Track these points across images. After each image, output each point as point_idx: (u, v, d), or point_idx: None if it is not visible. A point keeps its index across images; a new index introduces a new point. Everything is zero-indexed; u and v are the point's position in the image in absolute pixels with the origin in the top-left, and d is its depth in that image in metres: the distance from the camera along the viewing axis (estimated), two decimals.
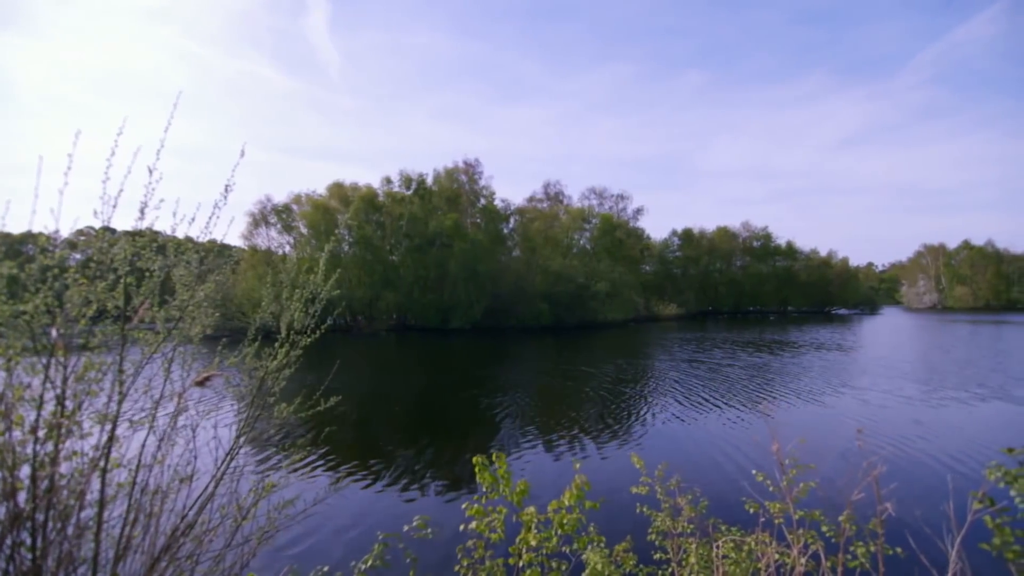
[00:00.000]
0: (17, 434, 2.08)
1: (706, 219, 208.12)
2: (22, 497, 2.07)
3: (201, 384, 2.77)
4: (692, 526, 3.39)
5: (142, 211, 2.46)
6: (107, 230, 2.40)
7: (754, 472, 3.45)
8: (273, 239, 44.75)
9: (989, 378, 16.40)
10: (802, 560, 2.70)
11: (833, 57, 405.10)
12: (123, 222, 2.56)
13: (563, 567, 2.76)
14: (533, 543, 2.60)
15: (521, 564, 2.63)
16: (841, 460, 8.13)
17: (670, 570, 3.25)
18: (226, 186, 2.86)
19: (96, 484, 2.27)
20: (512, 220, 52.79)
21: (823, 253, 79.77)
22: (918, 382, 15.84)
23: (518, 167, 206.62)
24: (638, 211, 63.99)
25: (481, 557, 2.76)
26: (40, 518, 2.08)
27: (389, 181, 45.90)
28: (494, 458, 2.80)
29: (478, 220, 48.34)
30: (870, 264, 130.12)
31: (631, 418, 11.75)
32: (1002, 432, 10.30)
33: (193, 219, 2.70)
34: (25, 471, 2.08)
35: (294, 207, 44.59)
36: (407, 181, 45.87)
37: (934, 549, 2.51)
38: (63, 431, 2.14)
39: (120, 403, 2.35)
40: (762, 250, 75.63)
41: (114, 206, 2.35)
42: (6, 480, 2.04)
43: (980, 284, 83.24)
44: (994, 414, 11.91)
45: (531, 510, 2.71)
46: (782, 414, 11.92)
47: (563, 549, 2.73)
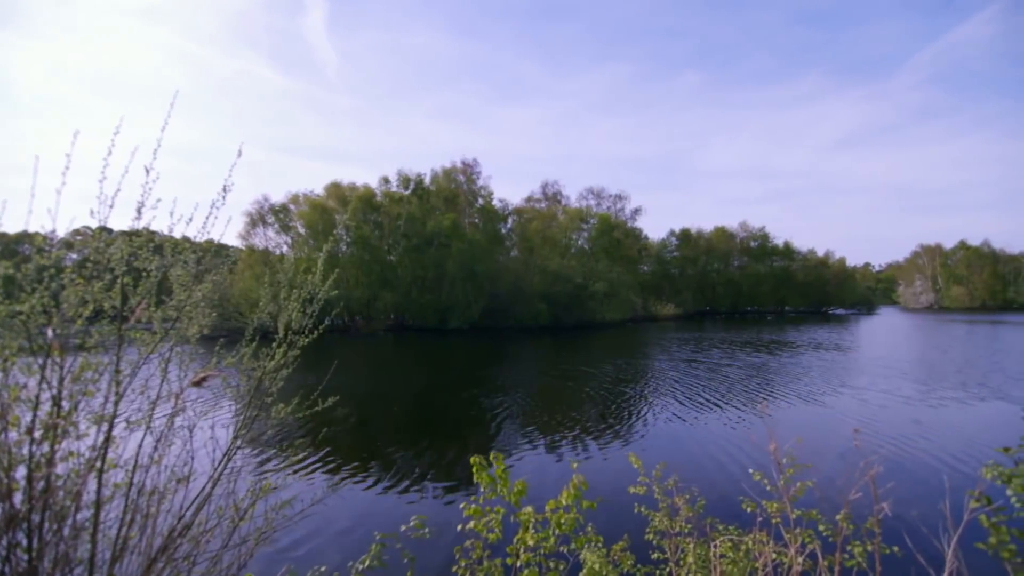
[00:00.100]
0: (13, 435, 2.08)
1: (704, 219, 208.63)
2: (18, 498, 2.07)
3: (198, 384, 2.76)
4: (690, 526, 3.40)
5: (139, 211, 2.45)
6: (104, 230, 2.39)
7: (751, 471, 3.46)
8: (271, 239, 44.71)
9: (986, 378, 16.47)
10: (799, 559, 2.70)
11: (831, 57, 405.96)
12: (120, 222, 2.56)
13: (561, 567, 2.76)
14: (531, 543, 2.60)
15: (519, 564, 2.63)
16: (839, 460, 8.15)
17: (667, 570, 3.26)
18: (224, 186, 2.85)
19: (92, 485, 2.26)
20: (510, 220, 52.83)
21: (820, 253, 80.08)
22: (915, 382, 15.89)
23: (516, 167, 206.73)
24: (636, 211, 64.11)
25: (479, 557, 2.76)
26: (36, 519, 2.08)
27: (387, 181, 45.89)
28: (492, 458, 2.80)
29: (476, 220, 48.34)
30: (867, 264, 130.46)
31: (629, 418, 11.77)
32: (999, 432, 10.33)
33: (190, 219, 2.70)
34: (21, 472, 2.08)
35: (291, 207, 44.51)
36: (405, 181, 45.82)
37: (931, 548, 2.52)
38: (59, 432, 2.13)
39: (117, 404, 2.34)
40: (759, 250, 75.81)
41: (111, 206, 2.35)
42: (2, 481, 2.03)
43: (976, 284, 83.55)
44: (991, 414, 11.96)
45: (529, 510, 2.71)
46: (780, 414, 11.95)
47: (561, 549, 2.73)
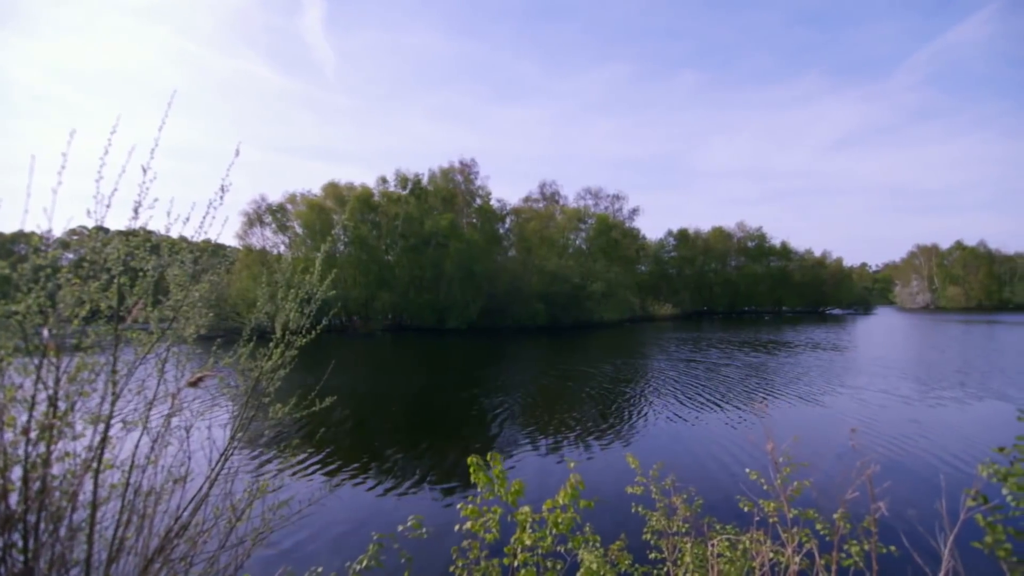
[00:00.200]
0: (9, 435, 2.07)
1: (701, 219, 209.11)
2: (14, 499, 2.06)
3: (195, 384, 2.75)
4: (687, 525, 3.40)
5: (136, 211, 2.45)
6: (100, 230, 2.38)
7: (748, 471, 3.47)
8: (268, 239, 44.67)
9: (982, 377, 16.53)
10: (796, 558, 2.71)
11: (828, 58, 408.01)
12: (117, 222, 2.55)
13: (558, 567, 2.77)
14: (528, 543, 2.61)
15: (516, 564, 2.63)
16: (835, 459, 8.17)
17: (665, 569, 3.26)
18: (221, 186, 2.85)
19: (89, 485, 2.25)
20: (508, 220, 52.87)
21: (817, 253, 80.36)
22: (912, 381, 15.94)
23: (514, 167, 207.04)
24: (634, 211, 64.26)
25: (476, 557, 2.76)
26: (32, 520, 2.07)
27: (385, 181, 45.86)
28: (489, 458, 2.80)
29: (474, 220, 48.33)
30: (864, 264, 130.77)
31: (626, 418, 11.78)
32: (995, 431, 10.37)
33: (187, 219, 2.69)
34: (17, 472, 2.07)
35: (289, 207, 44.45)
36: (403, 181, 45.78)
37: (927, 547, 2.53)
38: (55, 432, 2.12)
39: (113, 404, 2.33)
40: (757, 250, 76.00)
41: (108, 205, 2.34)
42: None
43: (972, 284, 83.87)
44: (987, 413, 12.00)
45: (526, 510, 2.71)
46: (778, 413, 11.97)
47: (558, 549, 2.73)
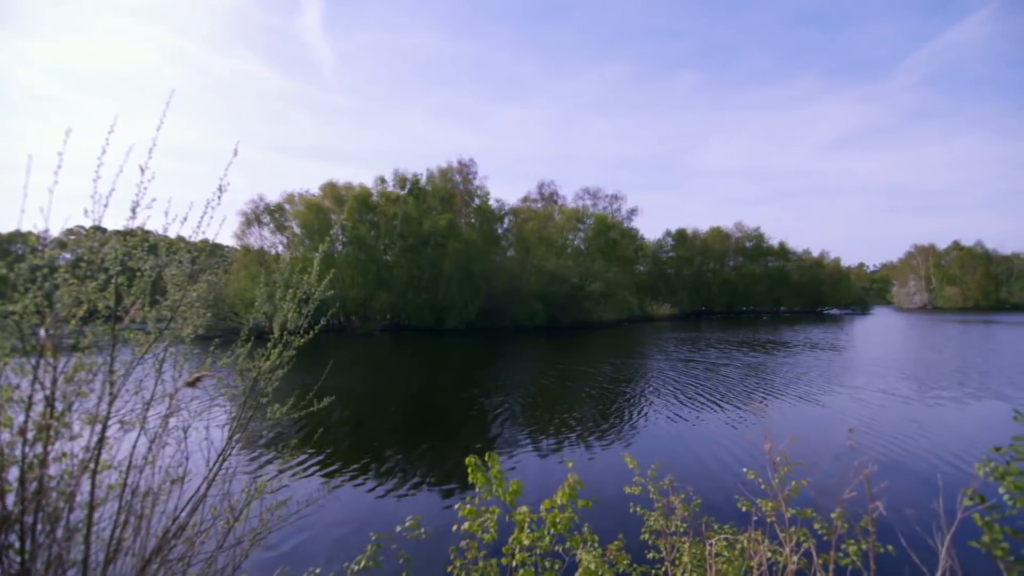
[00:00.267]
0: (5, 436, 2.06)
1: (700, 219, 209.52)
2: (11, 499, 2.05)
3: (193, 385, 2.75)
4: (685, 525, 3.41)
5: (134, 210, 2.44)
6: (98, 229, 2.38)
7: (746, 471, 3.47)
8: (266, 239, 44.55)
9: (979, 377, 16.58)
10: (794, 558, 2.71)
11: (827, 58, 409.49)
12: (114, 222, 2.54)
13: (556, 566, 2.77)
14: (526, 543, 2.61)
15: (514, 564, 2.63)
16: (833, 459, 8.18)
17: (663, 569, 3.26)
18: (219, 186, 2.84)
19: (86, 486, 2.25)
20: (506, 220, 52.85)
21: (815, 253, 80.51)
22: (910, 381, 15.98)
23: (513, 167, 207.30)
24: (632, 211, 64.32)
25: (474, 557, 2.76)
26: (29, 520, 2.06)
27: (383, 181, 45.83)
28: (487, 459, 2.80)
29: (472, 220, 48.29)
30: (861, 264, 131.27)
31: (625, 418, 11.79)
32: (992, 431, 10.41)
33: (185, 219, 2.69)
34: (14, 473, 2.06)
35: (287, 207, 44.35)
36: (401, 181, 45.75)
37: (924, 547, 2.53)
38: (52, 433, 2.12)
39: (111, 404, 2.33)
40: (755, 250, 76.09)
41: (105, 205, 2.33)
42: None
43: (969, 284, 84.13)
44: (985, 413, 12.04)
45: (524, 510, 2.71)
46: (776, 413, 11.99)
47: (556, 549, 2.73)
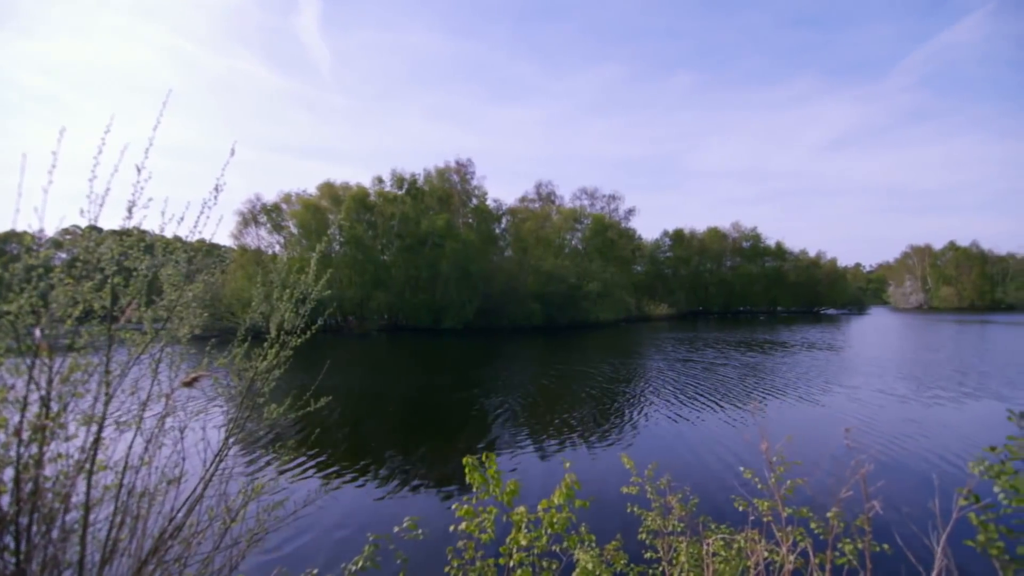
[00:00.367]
0: (1, 436, 2.05)
1: (697, 219, 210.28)
2: (5, 500, 2.04)
3: (189, 385, 2.74)
4: (682, 525, 3.41)
5: (130, 210, 2.43)
6: (94, 229, 2.37)
7: (743, 470, 3.48)
8: (263, 238, 44.40)
9: (975, 377, 16.66)
10: (791, 557, 2.72)
11: (824, 59, 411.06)
12: (110, 221, 2.53)
13: (553, 566, 2.77)
14: (523, 543, 2.61)
15: (511, 564, 2.63)
16: (830, 458, 8.21)
17: (660, 569, 3.27)
18: (216, 185, 2.84)
19: (82, 487, 2.24)
20: (504, 220, 52.84)
21: (812, 254, 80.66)
22: (906, 381, 16.04)
23: (510, 167, 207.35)
24: (630, 211, 64.36)
25: (472, 558, 2.76)
26: (24, 521, 2.05)
27: (380, 181, 45.77)
28: (484, 459, 2.80)
29: (470, 220, 48.28)
30: (858, 264, 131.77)
31: (622, 418, 11.80)
32: (988, 431, 10.45)
33: (182, 218, 2.68)
34: (9, 474, 2.05)
35: (284, 206, 44.23)
36: (399, 181, 45.71)
37: (920, 546, 2.54)
38: (48, 433, 2.11)
39: (106, 404, 2.32)
40: (752, 250, 76.24)
41: (101, 205, 2.33)
42: None
43: (965, 284, 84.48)
44: (980, 413, 12.10)
45: (521, 510, 2.71)
46: (773, 413, 12.02)
47: (553, 549, 2.73)
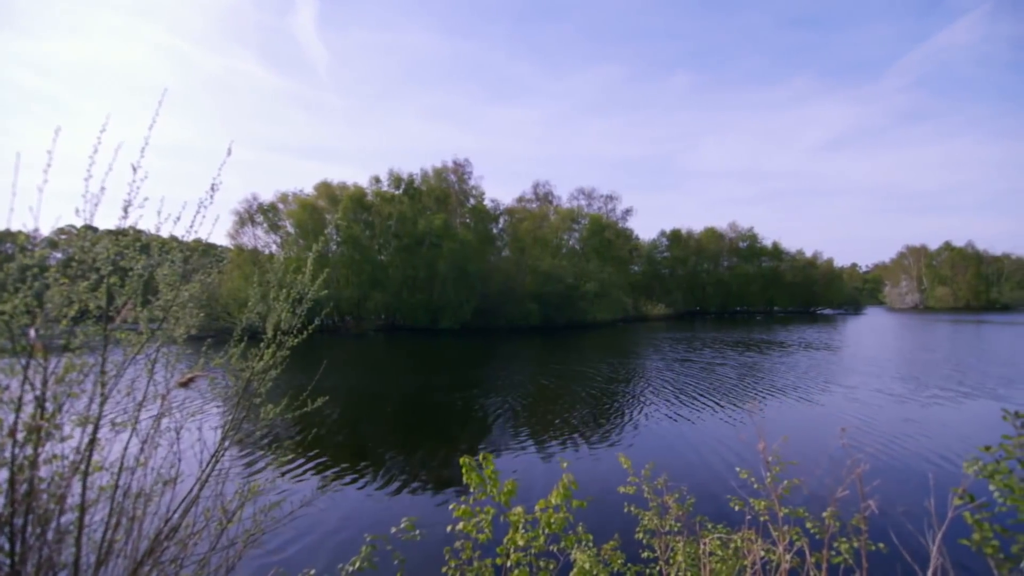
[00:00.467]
0: None
1: (694, 220, 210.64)
2: (0, 502, 2.03)
3: (185, 385, 2.73)
4: (679, 524, 3.42)
5: (126, 210, 2.42)
6: (89, 228, 2.36)
7: (739, 470, 3.49)
8: (259, 238, 44.30)
9: (970, 377, 16.74)
10: (787, 557, 2.73)
11: (821, 60, 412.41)
12: (106, 221, 2.52)
13: (551, 566, 2.77)
14: (521, 543, 2.60)
15: (509, 564, 2.63)
16: (826, 458, 8.24)
17: (658, 568, 3.27)
18: (212, 185, 2.83)
19: (77, 487, 2.23)
20: (501, 220, 52.86)
21: (808, 254, 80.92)
22: (903, 381, 16.11)
23: (508, 167, 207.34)
24: (627, 212, 64.48)
25: (469, 558, 2.76)
26: (19, 523, 2.04)
27: (378, 180, 45.71)
28: (481, 459, 2.80)
29: (467, 220, 48.25)
30: (854, 265, 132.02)
31: (619, 418, 11.81)
32: (983, 430, 10.50)
33: (178, 218, 2.67)
34: (3, 475, 2.04)
35: (281, 206, 44.14)
36: (396, 181, 45.66)
37: (916, 545, 2.55)
38: (43, 434, 2.10)
39: (102, 405, 2.31)
40: (748, 251, 76.45)
41: (96, 204, 2.32)
42: None
43: (960, 285, 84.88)
44: (976, 412, 12.15)
45: (519, 510, 2.71)
46: (770, 412, 12.05)
47: (551, 548, 2.73)
